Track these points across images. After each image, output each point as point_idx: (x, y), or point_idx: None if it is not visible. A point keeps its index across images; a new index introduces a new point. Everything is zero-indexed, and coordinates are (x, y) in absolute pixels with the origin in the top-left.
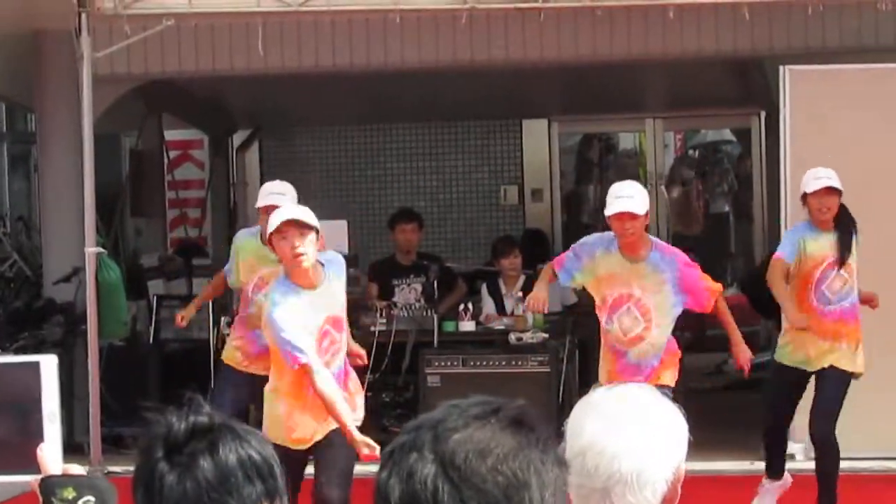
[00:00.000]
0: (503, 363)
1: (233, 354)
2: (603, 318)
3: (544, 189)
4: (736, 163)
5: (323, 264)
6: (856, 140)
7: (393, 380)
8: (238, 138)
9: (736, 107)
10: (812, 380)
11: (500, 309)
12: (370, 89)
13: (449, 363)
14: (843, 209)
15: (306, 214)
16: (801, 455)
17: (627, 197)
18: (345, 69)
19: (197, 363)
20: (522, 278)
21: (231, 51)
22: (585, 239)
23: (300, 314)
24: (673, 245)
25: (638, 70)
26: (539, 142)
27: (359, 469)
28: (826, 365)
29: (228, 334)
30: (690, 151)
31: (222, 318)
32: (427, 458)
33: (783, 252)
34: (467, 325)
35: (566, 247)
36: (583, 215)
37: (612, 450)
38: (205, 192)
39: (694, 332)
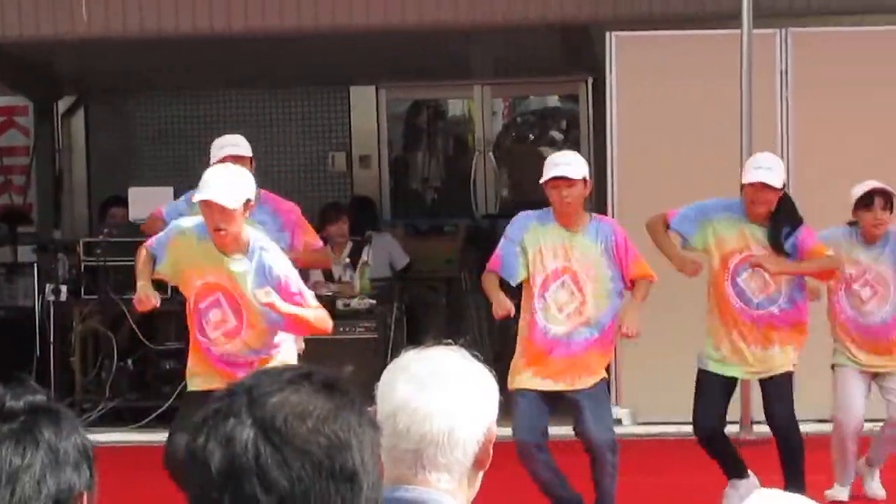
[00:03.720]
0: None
1: None
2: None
3: (372, 156)
4: (564, 129)
5: (251, 247)
6: (682, 107)
7: None
8: (64, 104)
9: (564, 73)
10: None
11: (328, 276)
12: (196, 55)
13: None
14: (783, 203)
15: (231, 189)
16: (627, 420)
17: (565, 164)
18: (170, 34)
19: (23, 332)
20: (350, 245)
21: (55, 14)
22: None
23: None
24: (500, 212)
25: (465, 36)
26: (367, 108)
27: None
28: (767, 377)
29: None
30: (519, 118)
31: (47, 286)
32: (245, 422)
33: (681, 221)
34: None
35: (394, 213)
36: (411, 182)
37: (423, 411)
38: (29, 159)
39: None
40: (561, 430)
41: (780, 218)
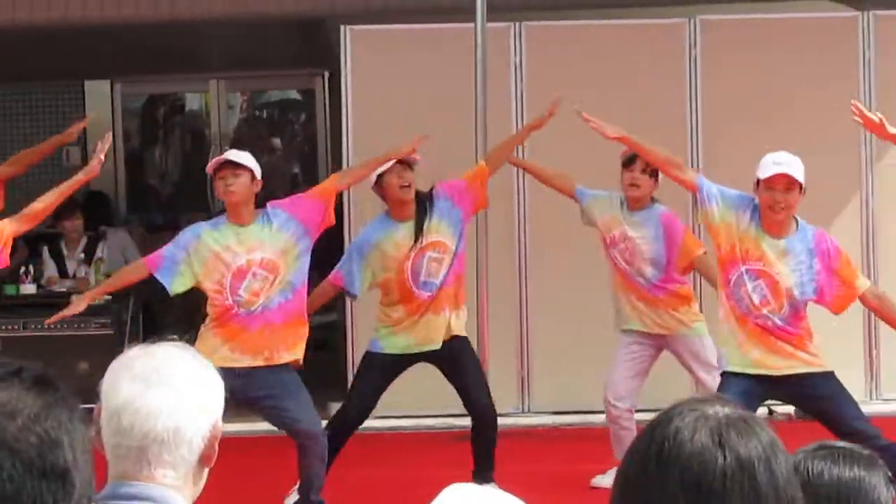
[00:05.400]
0: (65, 326)
1: None
2: None
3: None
4: (303, 123)
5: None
6: (418, 100)
7: None
8: None
9: (300, 67)
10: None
11: (63, 271)
12: None
13: (10, 327)
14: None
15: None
16: None
17: None
18: None
19: None
20: (84, 240)
21: None
22: None
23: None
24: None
25: (201, 30)
26: (102, 103)
27: None
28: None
29: None
30: (257, 112)
31: None
32: None
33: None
34: (29, 288)
35: (129, 208)
36: (147, 177)
37: (148, 409)
38: None
39: None
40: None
41: None
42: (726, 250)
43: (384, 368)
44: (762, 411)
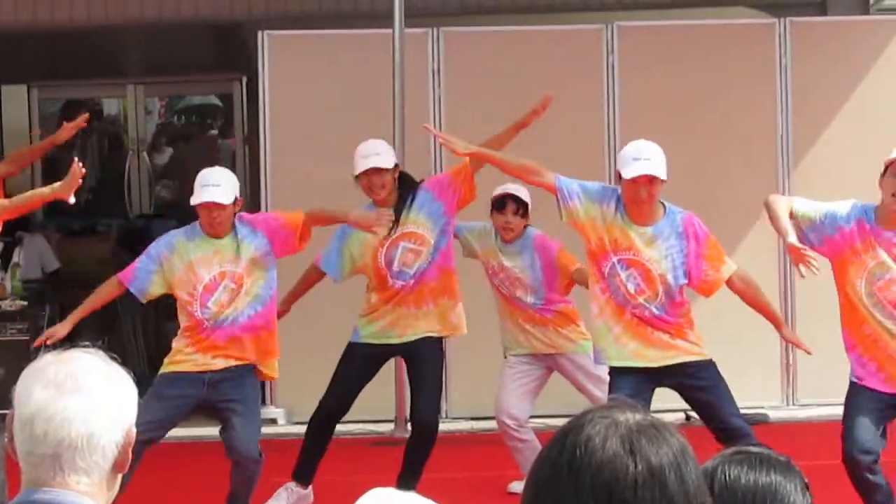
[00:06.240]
0: None
1: None
2: None
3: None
4: (220, 128)
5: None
6: (336, 105)
7: None
8: None
9: (218, 72)
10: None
11: None
12: None
13: None
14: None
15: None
16: (282, 419)
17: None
18: None
19: None
20: (0, 245)
21: None
22: None
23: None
24: (155, 212)
25: (118, 34)
26: (19, 108)
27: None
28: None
29: None
30: (175, 117)
31: None
32: None
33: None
34: None
35: (46, 214)
36: None
37: (61, 415)
38: None
39: None
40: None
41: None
42: (596, 243)
43: (363, 357)
44: (679, 416)
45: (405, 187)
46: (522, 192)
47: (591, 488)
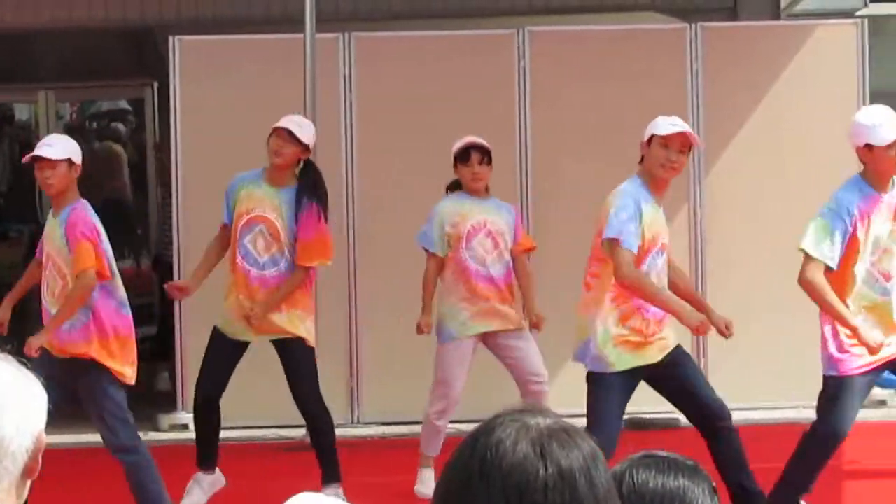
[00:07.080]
0: None
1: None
2: None
3: None
4: (132, 134)
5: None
6: (247, 111)
7: None
8: None
9: (129, 77)
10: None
11: None
12: None
13: None
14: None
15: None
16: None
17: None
18: None
19: None
20: None
21: None
22: None
23: None
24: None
25: (29, 39)
26: None
27: None
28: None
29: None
30: (86, 122)
31: None
32: None
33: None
34: None
35: None
36: None
37: None
38: None
39: None
40: None
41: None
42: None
43: (224, 341)
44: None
45: (307, 177)
46: (483, 140)
47: (502, 490)
